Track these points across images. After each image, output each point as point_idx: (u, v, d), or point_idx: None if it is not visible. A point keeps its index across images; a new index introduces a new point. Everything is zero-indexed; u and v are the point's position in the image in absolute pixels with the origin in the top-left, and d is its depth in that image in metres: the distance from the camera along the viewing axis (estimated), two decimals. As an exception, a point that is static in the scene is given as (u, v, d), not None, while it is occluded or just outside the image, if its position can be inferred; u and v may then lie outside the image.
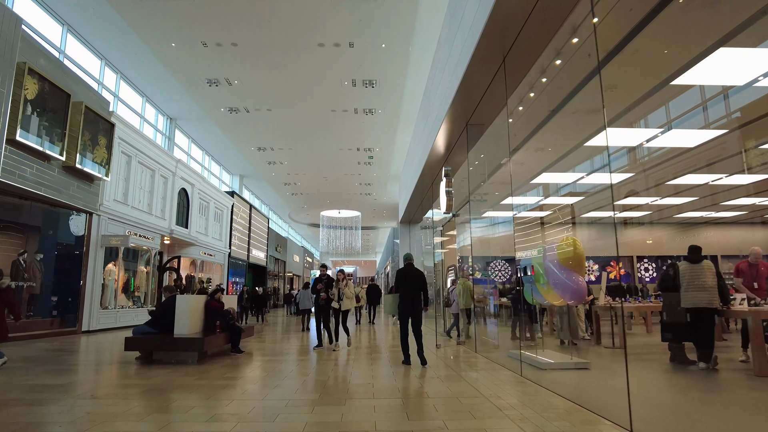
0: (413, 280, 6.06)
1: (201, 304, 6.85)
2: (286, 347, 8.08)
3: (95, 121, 10.32)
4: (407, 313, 6.03)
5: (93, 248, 10.65)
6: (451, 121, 7.73)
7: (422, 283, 6.11)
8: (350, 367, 5.87)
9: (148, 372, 5.34)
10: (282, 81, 13.77)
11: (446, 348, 7.92)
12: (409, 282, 6.05)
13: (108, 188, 11.11)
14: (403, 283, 6.08)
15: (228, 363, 6.10)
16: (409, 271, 6.17)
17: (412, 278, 6.07)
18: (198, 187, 16.82)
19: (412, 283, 6.04)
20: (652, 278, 15.51)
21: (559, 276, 5.64)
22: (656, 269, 15.82)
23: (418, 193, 13.00)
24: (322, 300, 7.62)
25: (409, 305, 6.00)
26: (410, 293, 6.01)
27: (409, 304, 6.00)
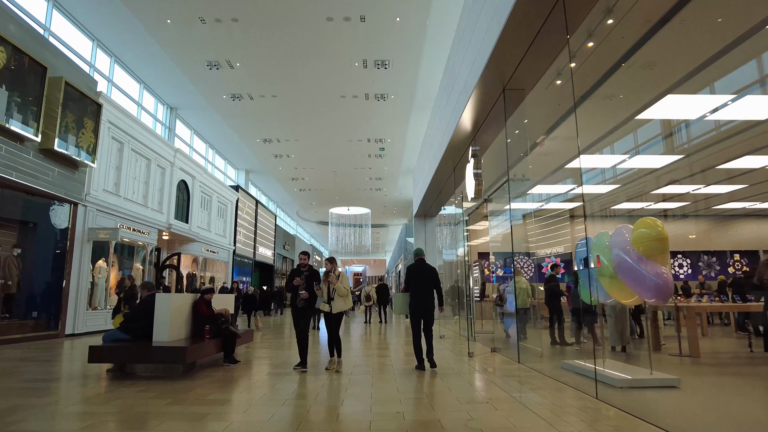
0: (425, 276, 5.66)
1: (187, 305, 5.72)
2: (291, 355, 6.93)
3: (80, 101, 9.29)
4: (419, 312, 5.60)
5: (79, 242, 9.62)
6: (484, 88, 6.50)
7: (435, 280, 5.69)
8: (367, 383, 4.69)
9: (113, 391, 4.21)
10: (287, 62, 12.64)
11: (481, 357, 6.69)
12: (420, 279, 5.64)
13: (96, 177, 10.08)
14: (414, 280, 5.66)
15: (218, 377, 4.96)
16: (421, 267, 5.76)
17: (424, 275, 5.67)
18: (199, 180, 15.79)
19: (424, 280, 5.63)
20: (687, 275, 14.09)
21: (635, 268, 4.39)
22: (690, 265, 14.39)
23: (436, 181, 11.77)
24: (301, 300, 5.46)
25: (422, 304, 5.59)
26: (422, 291, 5.61)
27: (422, 303, 5.60)
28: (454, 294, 13.26)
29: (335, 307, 5.40)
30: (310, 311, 5.60)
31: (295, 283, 5.46)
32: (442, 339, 9.14)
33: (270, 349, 7.56)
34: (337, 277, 5.43)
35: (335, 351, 5.47)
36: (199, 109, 16.26)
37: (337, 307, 5.40)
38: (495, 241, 9.04)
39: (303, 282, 5.46)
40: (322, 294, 5.41)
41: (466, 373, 5.28)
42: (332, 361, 5.45)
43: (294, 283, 5.46)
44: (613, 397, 3.82)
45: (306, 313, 5.59)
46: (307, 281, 5.49)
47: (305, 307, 5.53)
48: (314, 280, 5.49)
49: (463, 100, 7.24)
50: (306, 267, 5.64)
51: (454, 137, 8.39)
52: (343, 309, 5.45)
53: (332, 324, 5.47)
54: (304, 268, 5.62)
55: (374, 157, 20.69)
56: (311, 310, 5.63)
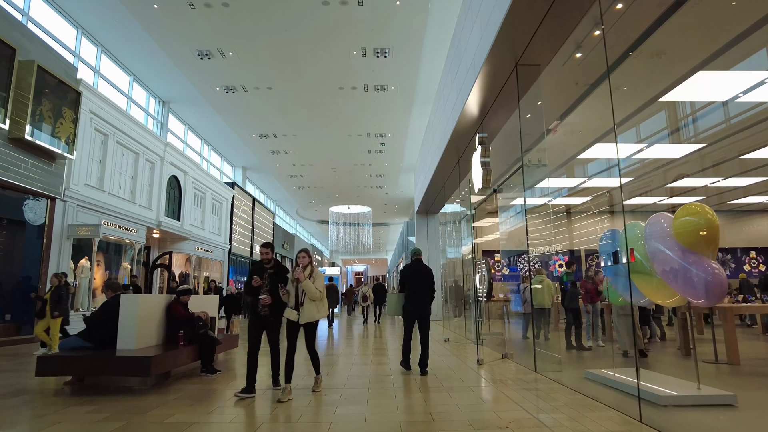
0: (422, 277, 5.38)
1: (160, 307, 5.06)
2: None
3: (58, 89, 8.66)
4: (414, 314, 5.34)
5: (57, 240, 8.99)
6: (494, 64, 5.82)
7: (430, 282, 5.43)
8: (362, 399, 4.02)
9: (58, 411, 3.56)
10: (282, 51, 11.97)
11: (492, 365, 6.02)
12: (417, 280, 5.37)
13: (76, 170, 9.44)
14: (410, 280, 5.40)
15: (191, 391, 4.30)
16: (418, 267, 5.48)
17: (420, 276, 5.38)
18: (192, 175, 15.15)
19: (420, 281, 5.36)
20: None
21: (678, 263, 3.71)
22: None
23: (440, 174, 11.09)
24: (263, 307, 4.22)
25: (417, 306, 5.32)
26: (417, 292, 5.33)
27: (417, 305, 5.32)
28: (458, 294, 12.59)
29: (305, 315, 4.07)
30: (275, 321, 4.32)
31: (254, 283, 4.20)
32: (446, 342, 8.47)
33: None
34: (309, 275, 4.14)
35: (315, 368, 4.35)
36: (193, 102, 15.61)
37: (307, 314, 4.07)
38: (503, 238, 8.37)
39: (266, 282, 4.23)
40: (288, 297, 4.17)
41: (477, 385, 4.61)
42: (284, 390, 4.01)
43: (253, 284, 4.21)
44: (659, 419, 3.14)
45: (270, 324, 4.28)
46: (272, 282, 4.24)
47: (269, 316, 4.23)
48: (281, 280, 4.25)
49: (470, 80, 6.56)
50: (270, 263, 4.36)
51: (459, 123, 7.72)
52: (314, 318, 4.12)
53: (306, 337, 4.22)
54: (267, 264, 4.34)
55: (374, 153, 20.03)
56: (277, 320, 4.33)
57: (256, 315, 4.26)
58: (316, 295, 4.11)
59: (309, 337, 4.26)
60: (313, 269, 4.22)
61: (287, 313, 4.19)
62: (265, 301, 4.21)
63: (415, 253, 5.79)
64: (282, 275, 4.32)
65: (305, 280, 4.07)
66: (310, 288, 4.07)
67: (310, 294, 4.08)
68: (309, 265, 4.21)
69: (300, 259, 4.23)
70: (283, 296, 4.16)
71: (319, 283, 4.19)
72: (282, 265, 4.46)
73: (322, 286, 4.20)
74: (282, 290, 4.14)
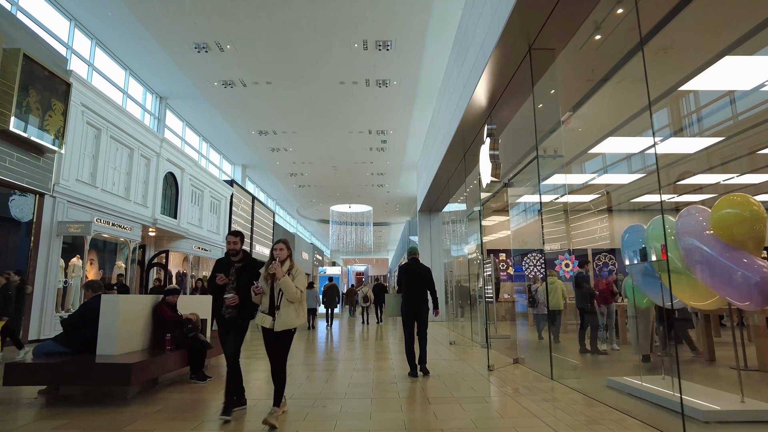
0: (418, 277, 5.28)
1: (146, 309, 4.68)
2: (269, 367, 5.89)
3: (48, 80, 8.30)
4: (412, 315, 5.22)
5: (46, 237, 8.62)
6: (505, 49, 5.43)
7: (429, 281, 5.31)
8: (364, 413, 3.64)
9: (22, 426, 3.18)
10: (281, 44, 11.59)
11: (504, 371, 5.63)
12: (413, 279, 5.27)
13: (67, 165, 9.07)
14: (406, 281, 5.29)
15: (176, 401, 3.92)
16: (414, 266, 5.37)
17: (417, 275, 5.29)
18: (189, 172, 14.78)
19: (417, 281, 5.26)
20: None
21: (719, 261, 3.32)
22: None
23: (444, 170, 10.69)
24: (229, 308, 3.56)
25: (414, 307, 5.20)
26: (415, 292, 5.23)
27: (414, 306, 5.20)
28: (463, 294, 12.21)
29: (282, 320, 3.28)
30: (242, 326, 3.61)
31: (218, 281, 3.54)
32: (452, 346, 8.09)
33: (252, 360, 6.52)
34: (288, 271, 3.37)
35: (279, 389, 3.43)
36: (191, 98, 15.24)
37: (285, 320, 3.29)
38: (511, 236, 7.98)
39: (232, 279, 3.58)
40: (261, 296, 3.40)
41: (491, 395, 4.22)
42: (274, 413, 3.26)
43: (217, 281, 3.55)
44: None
45: (237, 327, 3.56)
46: (240, 278, 3.58)
47: (236, 319, 3.55)
48: (251, 277, 3.55)
49: (478, 68, 6.18)
50: (238, 255, 3.68)
51: (466, 115, 7.33)
52: (293, 324, 3.34)
53: (276, 349, 3.42)
54: (235, 257, 3.67)
55: (376, 151, 19.64)
56: (244, 324, 3.63)
57: (221, 318, 3.58)
58: (296, 296, 3.33)
59: (283, 349, 3.42)
60: (293, 264, 3.46)
61: (260, 318, 3.37)
62: (231, 301, 3.49)
63: (412, 252, 5.66)
64: (252, 270, 3.60)
65: (283, 278, 3.28)
66: (288, 287, 3.27)
67: (289, 295, 3.28)
68: (288, 259, 3.43)
69: (277, 251, 3.43)
70: (256, 297, 3.38)
71: (301, 281, 3.43)
72: (253, 259, 3.82)
73: (303, 285, 3.46)
74: (256, 288, 3.35)
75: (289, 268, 3.40)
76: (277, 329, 3.31)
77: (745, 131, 6.86)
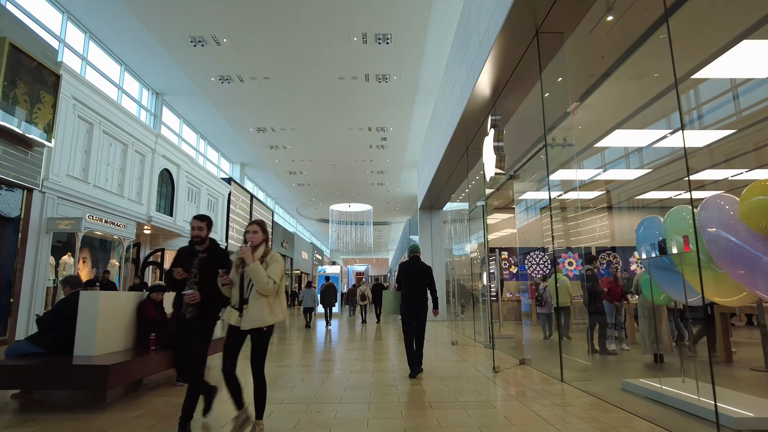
0: (418, 275, 5.22)
1: (130, 307, 4.40)
2: (269, 371, 5.61)
3: (36, 72, 8.03)
4: (411, 314, 5.14)
5: (34, 234, 8.34)
6: (511, 33, 5.15)
7: (429, 280, 5.26)
8: (362, 423, 3.36)
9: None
10: (279, 37, 11.31)
11: (510, 373, 5.34)
12: (413, 278, 5.21)
13: (56, 159, 8.80)
14: (406, 279, 5.23)
15: (157, 406, 3.64)
16: (415, 264, 5.31)
17: (417, 273, 5.23)
18: (185, 169, 14.51)
19: (417, 280, 5.20)
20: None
21: (750, 253, 3.04)
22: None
23: (446, 165, 10.40)
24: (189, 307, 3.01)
25: (414, 306, 5.13)
26: (414, 291, 5.16)
27: (414, 305, 5.13)
28: (465, 293, 11.93)
29: (250, 316, 2.80)
30: (204, 327, 3.02)
31: (176, 275, 2.99)
32: (454, 346, 7.80)
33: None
34: (262, 258, 2.90)
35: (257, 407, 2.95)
36: (188, 94, 14.96)
37: (253, 316, 2.80)
38: (515, 232, 7.69)
39: (194, 272, 3.01)
40: (231, 291, 2.93)
41: (498, 399, 3.93)
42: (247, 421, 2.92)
43: (175, 276, 3.00)
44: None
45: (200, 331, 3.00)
46: (203, 271, 3.01)
47: (196, 320, 2.99)
48: (218, 266, 3.00)
49: (482, 55, 5.89)
50: (204, 243, 3.11)
51: (469, 106, 7.05)
52: (264, 322, 2.82)
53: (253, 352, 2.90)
54: (199, 246, 3.11)
55: (376, 148, 19.37)
56: (207, 326, 3.05)
57: (180, 318, 3.01)
58: (268, 286, 2.79)
59: (256, 352, 2.87)
60: (268, 250, 2.98)
61: (226, 314, 2.87)
62: (190, 299, 2.93)
63: (413, 250, 5.58)
64: (220, 262, 3.04)
65: (253, 263, 2.78)
66: (258, 275, 2.76)
67: (259, 284, 2.77)
68: (263, 245, 2.96)
69: (250, 234, 2.95)
70: (223, 286, 2.90)
71: (275, 270, 2.88)
72: (221, 249, 3.25)
73: (277, 274, 2.88)
74: (222, 277, 2.86)
75: (263, 255, 2.92)
76: (244, 327, 2.79)
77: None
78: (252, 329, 2.83)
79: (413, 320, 5.15)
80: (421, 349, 5.15)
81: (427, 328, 5.47)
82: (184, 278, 3.00)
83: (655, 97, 5.90)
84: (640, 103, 6.57)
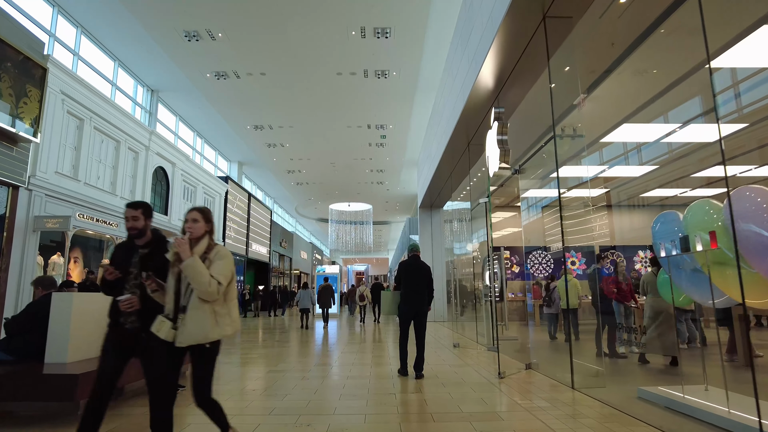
0: (418, 274, 5.12)
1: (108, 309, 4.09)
2: (255, 374, 5.31)
3: (22, 65, 7.75)
4: (410, 314, 5.06)
5: (20, 233, 8.05)
6: (516, 18, 4.85)
7: (429, 279, 5.17)
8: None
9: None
10: (275, 32, 11.00)
11: (517, 379, 5.04)
12: (413, 277, 5.11)
13: (44, 156, 8.51)
14: (405, 278, 5.13)
15: (135, 418, 3.34)
16: (414, 264, 5.22)
17: (417, 273, 5.13)
18: (180, 167, 14.22)
19: (417, 279, 5.09)
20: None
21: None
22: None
23: (447, 161, 10.11)
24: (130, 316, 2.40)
25: (413, 305, 5.03)
26: (414, 290, 5.07)
27: (413, 304, 5.03)
28: (466, 293, 11.63)
29: (188, 329, 2.23)
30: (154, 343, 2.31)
31: (107, 275, 2.41)
32: (456, 348, 7.51)
33: (233, 366, 5.95)
34: (205, 253, 2.35)
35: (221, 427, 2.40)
36: (183, 91, 14.66)
37: (193, 329, 2.23)
38: (518, 230, 7.40)
39: (134, 273, 2.44)
40: (165, 296, 2.37)
41: (507, 410, 3.63)
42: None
43: (106, 276, 2.41)
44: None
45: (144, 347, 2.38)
46: (143, 269, 2.42)
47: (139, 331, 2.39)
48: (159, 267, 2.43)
49: (486, 43, 5.59)
50: (142, 236, 2.51)
51: (471, 99, 6.75)
52: (207, 337, 2.24)
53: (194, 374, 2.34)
54: (139, 241, 2.52)
55: (375, 146, 19.08)
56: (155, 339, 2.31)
57: (118, 328, 2.41)
58: (210, 289, 2.20)
59: (197, 376, 2.28)
60: (212, 244, 2.41)
61: (156, 325, 2.26)
62: (126, 306, 2.35)
63: (413, 249, 5.49)
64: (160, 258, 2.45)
65: (190, 259, 2.20)
66: (197, 273, 2.18)
67: (199, 287, 2.19)
68: (205, 237, 2.39)
69: (188, 223, 2.37)
70: (153, 292, 2.35)
71: (221, 268, 2.30)
72: (167, 242, 2.58)
73: (225, 274, 2.30)
74: (149, 282, 2.31)
75: (205, 250, 2.34)
76: (180, 342, 2.19)
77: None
78: (192, 346, 2.22)
79: (412, 320, 5.05)
80: (423, 352, 4.98)
81: (427, 329, 5.25)
82: (115, 278, 2.39)
83: (670, 86, 5.60)
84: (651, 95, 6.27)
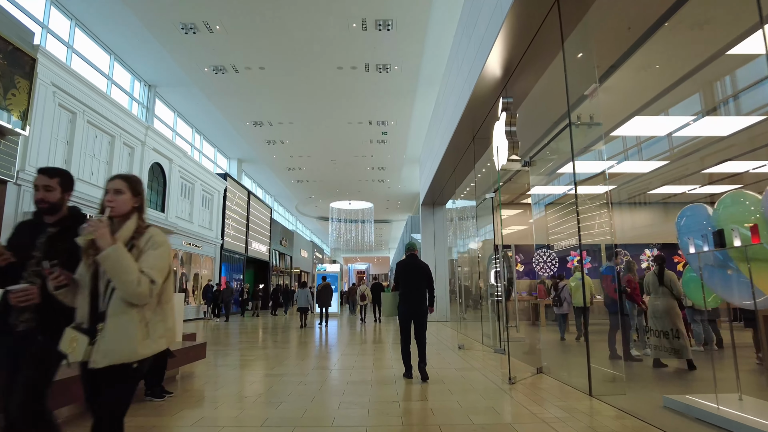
0: (416, 273, 5.04)
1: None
2: (251, 377, 5.02)
3: (11, 55, 7.47)
4: (409, 314, 4.97)
5: (8, 229, 7.76)
6: (527, 1, 4.54)
7: (427, 279, 5.08)
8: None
9: None
10: (275, 24, 10.69)
11: (529, 384, 4.74)
12: (411, 276, 5.03)
13: (34, 150, 8.23)
14: (404, 278, 5.04)
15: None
16: (412, 262, 5.14)
17: (415, 272, 5.05)
18: (178, 164, 13.94)
19: (415, 278, 5.02)
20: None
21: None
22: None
23: (450, 156, 9.79)
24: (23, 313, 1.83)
25: (412, 305, 4.95)
26: (413, 290, 4.98)
27: (412, 304, 4.95)
28: (471, 293, 11.34)
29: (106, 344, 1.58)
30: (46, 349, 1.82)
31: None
32: (461, 350, 7.21)
33: (228, 368, 5.66)
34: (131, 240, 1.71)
35: None
36: (181, 86, 14.37)
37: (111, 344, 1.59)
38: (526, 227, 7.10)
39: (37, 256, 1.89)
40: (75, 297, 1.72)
41: (522, 422, 3.33)
42: None
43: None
44: None
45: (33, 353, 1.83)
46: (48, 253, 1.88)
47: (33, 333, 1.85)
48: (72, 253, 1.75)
49: (493, 29, 5.29)
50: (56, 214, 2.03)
51: (477, 89, 6.44)
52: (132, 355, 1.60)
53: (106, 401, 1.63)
54: (49, 218, 2.02)
55: (376, 143, 18.77)
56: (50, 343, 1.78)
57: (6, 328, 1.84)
58: (139, 289, 1.59)
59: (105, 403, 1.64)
60: (143, 226, 1.79)
61: (66, 341, 1.62)
62: (19, 299, 1.76)
63: (410, 248, 5.38)
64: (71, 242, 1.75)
65: (112, 248, 1.58)
66: (121, 267, 1.57)
67: (123, 286, 1.58)
68: (133, 216, 1.79)
69: (110, 195, 1.76)
70: (58, 289, 1.69)
71: (154, 260, 1.68)
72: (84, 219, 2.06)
73: (159, 267, 1.69)
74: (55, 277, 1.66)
75: (132, 234, 1.72)
76: (96, 363, 1.57)
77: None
78: (112, 366, 1.58)
79: (412, 319, 4.96)
80: (424, 352, 4.87)
81: (429, 330, 5.07)
82: (8, 263, 1.80)
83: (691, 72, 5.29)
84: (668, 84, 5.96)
